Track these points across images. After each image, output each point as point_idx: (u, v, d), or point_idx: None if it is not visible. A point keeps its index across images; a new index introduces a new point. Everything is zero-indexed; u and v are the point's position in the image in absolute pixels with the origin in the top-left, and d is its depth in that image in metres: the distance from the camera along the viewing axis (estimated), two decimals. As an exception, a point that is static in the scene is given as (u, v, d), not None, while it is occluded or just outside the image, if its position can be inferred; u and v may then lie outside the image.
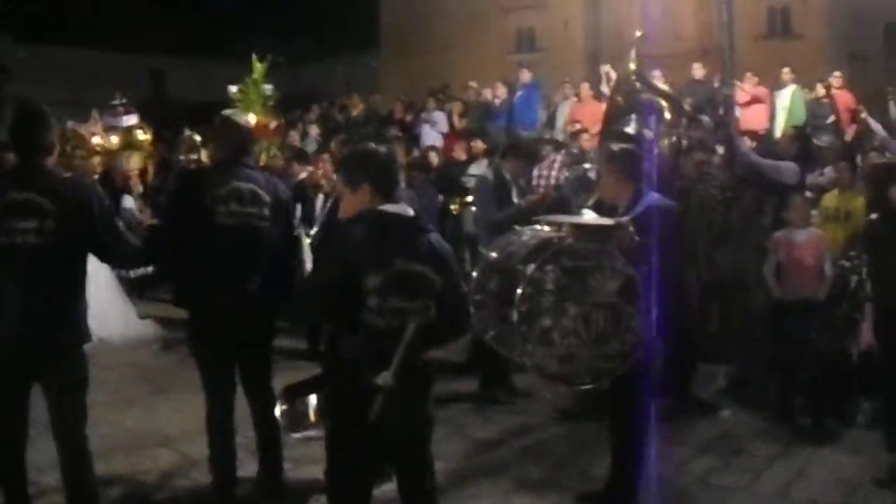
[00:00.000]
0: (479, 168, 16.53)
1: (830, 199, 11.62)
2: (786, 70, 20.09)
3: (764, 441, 9.56)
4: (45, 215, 6.25)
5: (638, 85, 9.98)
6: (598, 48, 30.42)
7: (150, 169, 18.97)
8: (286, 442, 7.50)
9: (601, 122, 19.55)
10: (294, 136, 21.26)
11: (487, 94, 23.09)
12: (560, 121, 20.87)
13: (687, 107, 14.30)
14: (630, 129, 10.28)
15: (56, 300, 6.36)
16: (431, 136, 21.55)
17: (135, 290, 15.62)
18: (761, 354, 10.76)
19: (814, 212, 11.24)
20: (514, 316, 6.41)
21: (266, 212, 7.46)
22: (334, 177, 13.19)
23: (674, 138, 10.26)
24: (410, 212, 5.66)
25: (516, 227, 7.26)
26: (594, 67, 27.48)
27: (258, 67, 17.12)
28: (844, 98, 19.82)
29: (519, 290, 6.42)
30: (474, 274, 7.15)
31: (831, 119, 19.12)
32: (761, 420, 10.16)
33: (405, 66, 32.44)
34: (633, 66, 10.04)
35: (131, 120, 19.81)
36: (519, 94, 22.45)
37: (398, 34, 34.65)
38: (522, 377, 10.48)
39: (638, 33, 10.41)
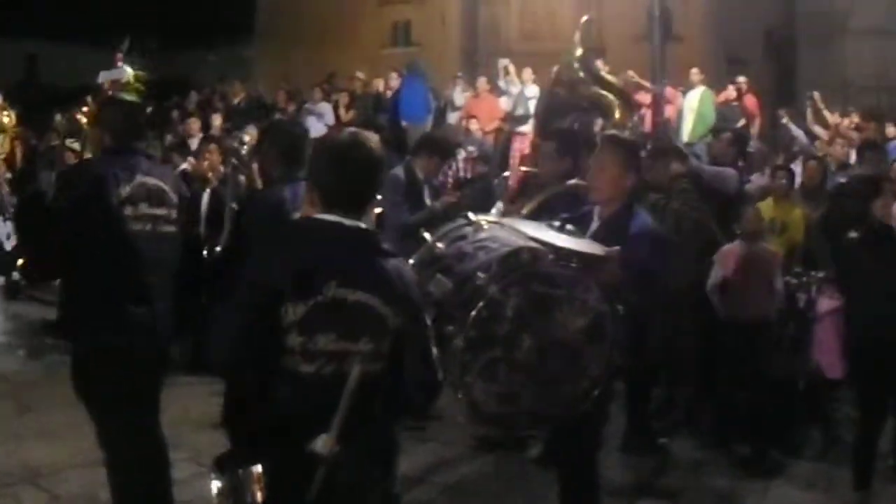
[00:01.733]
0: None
1: (765, 210, 10.27)
2: (694, 71, 18.72)
3: (707, 475, 8.39)
4: None
5: (581, 75, 8.32)
6: (475, 44, 29.41)
7: (18, 153, 16.90)
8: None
9: (499, 119, 18.63)
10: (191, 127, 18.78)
11: (379, 85, 21.38)
12: (453, 116, 19.40)
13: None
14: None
15: None
16: (317, 128, 19.63)
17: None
18: (690, 375, 9.46)
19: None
20: (461, 342, 4.80)
21: (174, 214, 5.97)
22: (222, 168, 11.62)
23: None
24: (361, 224, 4.06)
25: (470, 216, 5.63)
26: (471, 63, 26.52)
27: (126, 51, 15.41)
28: (751, 102, 18.74)
29: (473, 312, 4.83)
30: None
31: (741, 123, 17.79)
32: (696, 449, 8.93)
33: (279, 56, 30.95)
34: (578, 52, 8.34)
35: None
36: (406, 86, 20.66)
37: (273, 25, 33.10)
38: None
39: (584, 17, 8.70)
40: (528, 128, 17.85)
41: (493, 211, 10.16)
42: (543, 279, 4.98)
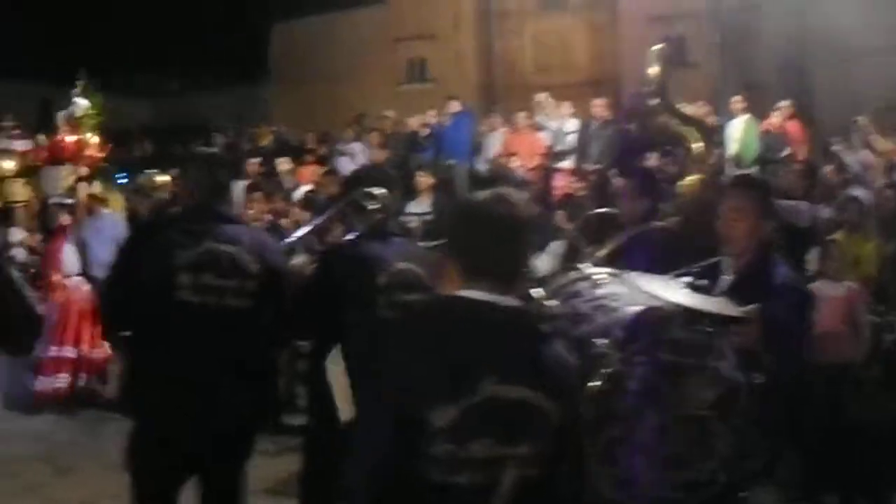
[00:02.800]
0: (421, 206, 14.02)
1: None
2: (736, 98, 17.76)
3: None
4: None
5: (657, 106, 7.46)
6: (491, 79, 29.08)
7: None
8: None
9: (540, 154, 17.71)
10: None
11: (413, 123, 20.07)
12: (490, 152, 18.40)
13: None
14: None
15: None
16: (349, 168, 18.36)
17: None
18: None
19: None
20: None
21: (250, 286, 5.14)
22: (267, 217, 10.86)
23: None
24: (512, 301, 3.30)
25: (581, 267, 4.89)
26: (487, 98, 26.61)
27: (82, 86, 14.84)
28: (795, 129, 17.74)
29: (595, 384, 4.11)
30: None
31: (786, 152, 16.80)
32: (781, 501, 8.06)
33: (295, 97, 30.43)
34: (654, 74, 7.43)
35: (26, 145, 17.19)
36: (449, 123, 19.56)
37: (287, 66, 32.75)
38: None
39: (659, 45, 7.79)
40: (568, 164, 16.99)
41: (548, 252, 9.50)
42: (672, 346, 4.25)
